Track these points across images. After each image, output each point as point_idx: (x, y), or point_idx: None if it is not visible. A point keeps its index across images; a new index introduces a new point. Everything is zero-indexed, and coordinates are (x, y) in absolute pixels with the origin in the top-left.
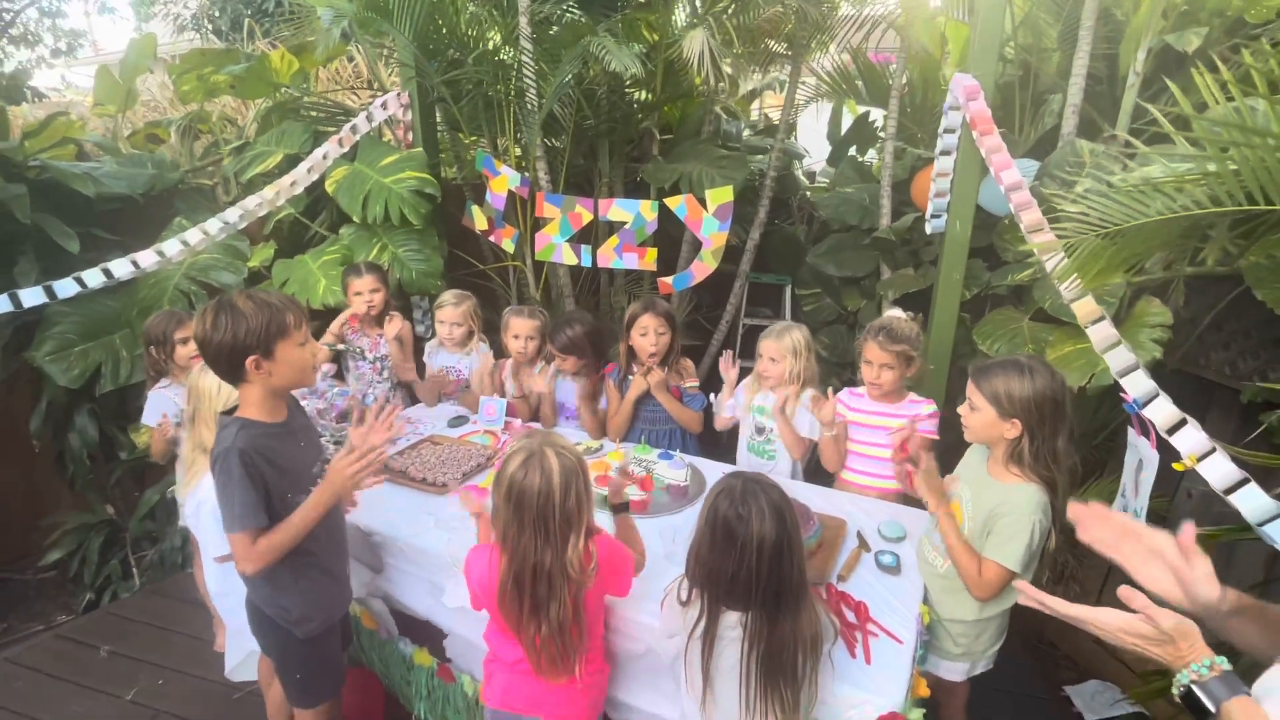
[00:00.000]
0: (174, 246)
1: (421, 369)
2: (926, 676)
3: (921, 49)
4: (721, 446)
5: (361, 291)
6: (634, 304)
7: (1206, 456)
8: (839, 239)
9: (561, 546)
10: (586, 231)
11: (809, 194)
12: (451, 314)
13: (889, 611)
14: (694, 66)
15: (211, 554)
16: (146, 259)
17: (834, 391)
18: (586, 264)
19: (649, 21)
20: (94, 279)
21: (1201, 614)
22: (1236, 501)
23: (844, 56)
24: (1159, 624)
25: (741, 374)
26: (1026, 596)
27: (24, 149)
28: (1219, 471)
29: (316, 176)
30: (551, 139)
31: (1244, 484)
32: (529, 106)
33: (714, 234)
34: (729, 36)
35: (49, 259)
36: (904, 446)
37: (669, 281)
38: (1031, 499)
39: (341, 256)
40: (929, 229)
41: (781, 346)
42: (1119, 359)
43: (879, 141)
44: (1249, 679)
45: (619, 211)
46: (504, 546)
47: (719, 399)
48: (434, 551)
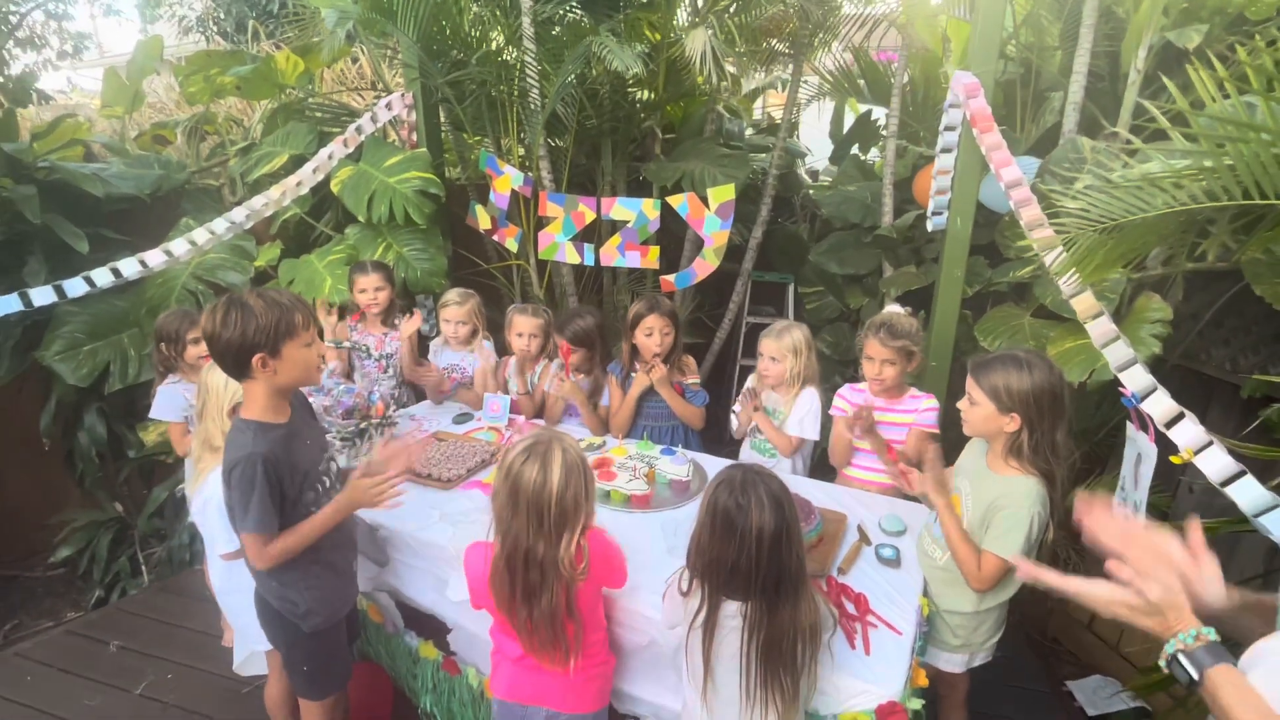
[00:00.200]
0: (181, 246)
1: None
2: (926, 668)
3: (923, 47)
4: (724, 443)
5: (366, 289)
6: (638, 303)
7: (1204, 449)
8: (841, 237)
9: (555, 541)
10: (590, 230)
11: (811, 192)
12: (456, 312)
13: (888, 603)
14: (696, 66)
15: (219, 550)
16: (154, 259)
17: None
18: (590, 262)
19: (651, 21)
20: (103, 278)
21: (1208, 614)
22: (1233, 493)
23: (846, 55)
24: (1147, 595)
25: (743, 373)
26: (1023, 572)
27: (33, 150)
28: (1216, 464)
29: (322, 177)
30: (554, 138)
31: (1240, 476)
32: (532, 106)
33: (716, 232)
34: (731, 36)
35: (58, 259)
36: (891, 452)
37: (671, 279)
38: (1030, 492)
39: (347, 256)
40: (930, 226)
41: (781, 346)
42: (1118, 354)
43: (881, 140)
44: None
45: (622, 210)
46: (498, 528)
47: (735, 420)
48: (439, 546)
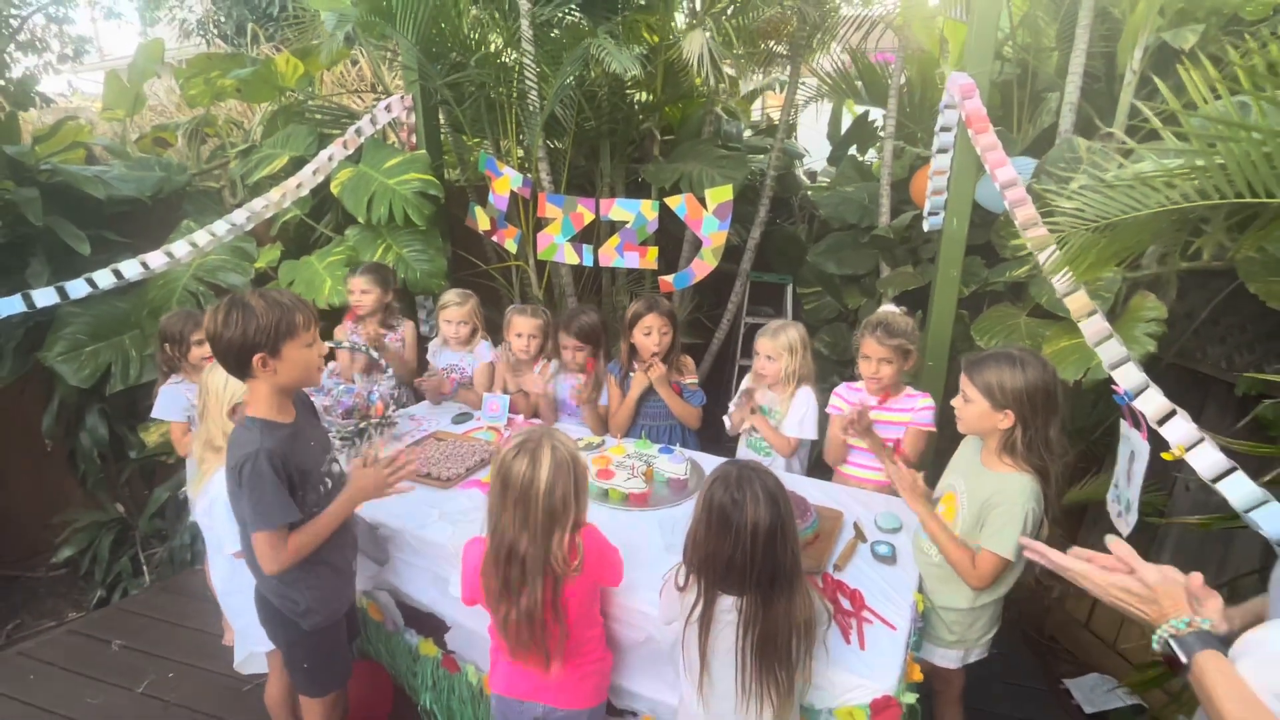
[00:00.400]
0: (182, 248)
1: (424, 367)
2: (921, 663)
3: (920, 48)
4: (721, 442)
5: (353, 290)
6: (636, 303)
7: (1195, 446)
8: (839, 237)
9: (543, 539)
10: (588, 231)
11: (809, 193)
12: (455, 313)
13: (884, 600)
14: (694, 67)
15: (226, 550)
16: (155, 260)
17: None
18: (588, 263)
19: (649, 23)
20: (105, 280)
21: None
22: (1224, 490)
23: (843, 57)
24: (1144, 578)
25: (742, 373)
26: (1031, 550)
27: (35, 153)
28: (1207, 460)
29: (322, 179)
30: (553, 140)
31: (1231, 472)
32: (531, 108)
33: (714, 233)
34: (729, 37)
35: (60, 261)
36: (897, 447)
37: (670, 280)
38: (1025, 488)
39: (346, 257)
40: (927, 227)
41: (777, 344)
42: (1111, 352)
43: (878, 141)
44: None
45: (620, 211)
46: (489, 523)
47: (731, 417)
48: (438, 544)
